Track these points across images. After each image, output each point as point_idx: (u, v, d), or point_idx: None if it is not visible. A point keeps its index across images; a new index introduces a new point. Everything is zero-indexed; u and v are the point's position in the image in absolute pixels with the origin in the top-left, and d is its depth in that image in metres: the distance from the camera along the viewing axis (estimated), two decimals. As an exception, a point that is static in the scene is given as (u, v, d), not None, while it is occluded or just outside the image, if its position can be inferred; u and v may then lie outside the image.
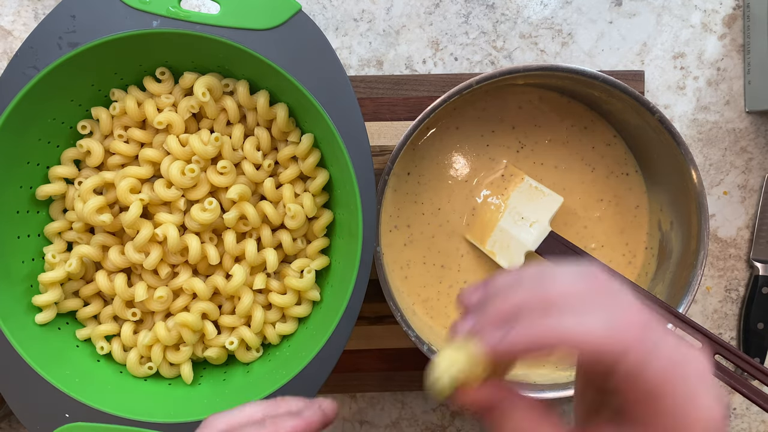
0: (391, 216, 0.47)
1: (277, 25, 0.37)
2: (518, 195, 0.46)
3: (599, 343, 0.20)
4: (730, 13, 0.51)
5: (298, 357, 0.39)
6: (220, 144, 0.39)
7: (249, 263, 0.41)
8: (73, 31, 0.37)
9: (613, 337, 0.20)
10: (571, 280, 0.22)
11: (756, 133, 0.51)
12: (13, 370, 0.37)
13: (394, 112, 0.49)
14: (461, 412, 0.22)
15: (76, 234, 0.41)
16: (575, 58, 0.51)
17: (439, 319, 0.47)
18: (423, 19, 0.50)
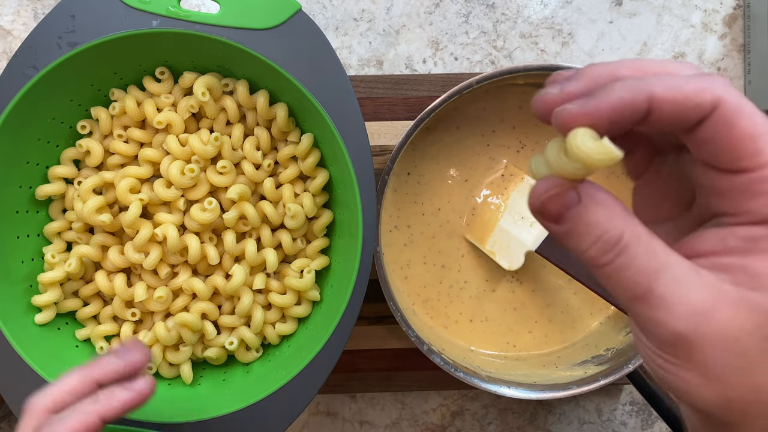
0: (391, 216, 0.47)
1: (277, 25, 0.37)
2: (518, 195, 0.46)
3: (688, 94, 0.17)
4: (731, 12, 0.51)
5: (298, 357, 0.39)
6: (220, 144, 0.39)
7: (249, 263, 0.41)
8: (72, 30, 0.37)
9: (703, 88, 0.18)
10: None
11: (756, 133, 0.51)
12: (13, 370, 0.37)
13: (394, 112, 0.49)
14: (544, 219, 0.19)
15: (76, 234, 0.41)
16: (575, 57, 0.51)
17: (439, 319, 0.47)
18: (423, 18, 0.50)
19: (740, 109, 0.17)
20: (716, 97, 0.17)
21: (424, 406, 0.52)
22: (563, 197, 0.19)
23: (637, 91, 0.18)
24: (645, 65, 0.19)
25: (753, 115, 0.17)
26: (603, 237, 0.18)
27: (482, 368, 0.44)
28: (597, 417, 0.52)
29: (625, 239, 0.18)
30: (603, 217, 0.18)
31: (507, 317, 0.48)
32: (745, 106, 0.17)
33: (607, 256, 0.18)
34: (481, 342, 0.47)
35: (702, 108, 0.18)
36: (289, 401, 0.37)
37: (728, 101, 0.17)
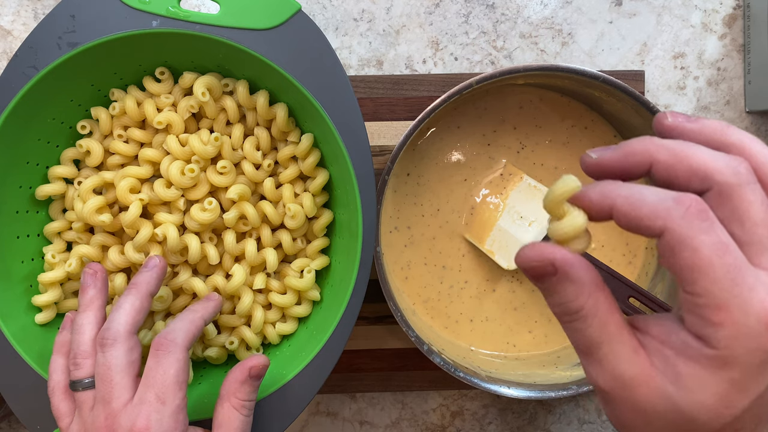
0: (391, 217, 0.47)
1: (276, 25, 0.37)
2: (517, 194, 0.46)
3: (636, 216, 0.21)
4: (730, 12, 0.51)
5: (298, 357, 0.39)
6: (220, 144, 0.39)
7: (249, 263, 0.41)
8: (72, 31, 0.37)
9: (654, 212, 0.21)
10: None
11: (756, 133, 0.51)
12: (13, 370, 0.37)
13: (394, 112, 0.49)
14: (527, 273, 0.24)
15: (76, 234, 0.41)
16: (575, 58, 0.51)
17: (440, 319, 0.47)
18: (423, 18, 0.50)
19: (682, 241, 0.20)
20: (663, 226, 0.20)
21: (424, 406, 0.52)
22: (542, 269, 0.23)
23: (602, 197, 0.22)
24: (681, 151, 0.22)
25: (697, 247, 0.20)
26: (566, 305, 0.23)
27: (482, 368, 0.44)
28: (597, 417, 0.52)
29: (583, 312, 0.23)
30: (570, 292, 0.23)
31: (507, 317, 0.48)
32: (689, 239, 0.20)
33: (566, 318, 0.23)
34: (481, 342, 0.47)
35: (652, 231, 0.21)
36: (289, 401, 0.37)
37: (673, 232, 0.20)
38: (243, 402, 0.34)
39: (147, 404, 0.31)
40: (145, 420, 0.31)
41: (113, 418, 0.31)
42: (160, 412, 0.31)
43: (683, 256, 0.20)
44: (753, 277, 0.20)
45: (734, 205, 0.21)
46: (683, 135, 0.23)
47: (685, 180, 0.22)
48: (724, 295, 0.20)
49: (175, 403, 0.32)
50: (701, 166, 0.21)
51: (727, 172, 0.21)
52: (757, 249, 0.21)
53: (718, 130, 0.23)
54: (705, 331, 0.21)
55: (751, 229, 0.21)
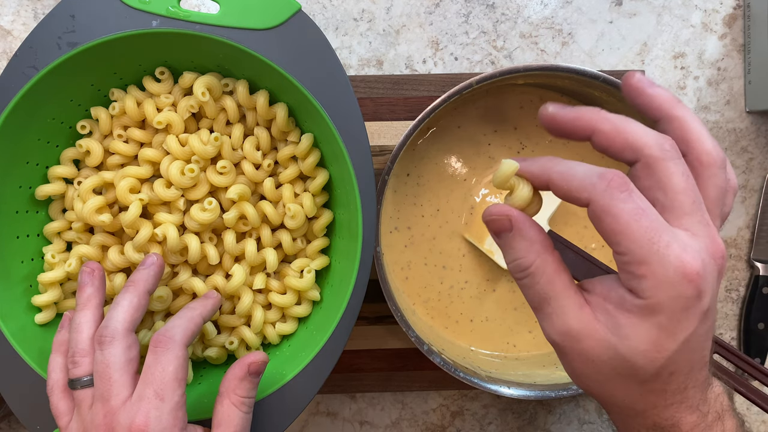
0: (391, 217, 0.47)
1: (276, 25, 0.37)
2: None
3: (567, 188, 0.25)
4: (731, 12, 0.51)
5: (298, 357, 0.39)
6: (220, 144, 0.39)
7: (249, 263, 0.41)
8: (72, 31, 0.37)
9: (581, 186, 0.24)
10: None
11: (756, 133, 0.51)
12: (13, 370, 0.37)
13: (394, 112, 0.49)
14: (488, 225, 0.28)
15: (76, 234, 0.41)
16: (575, 58, 0.51)
17: (440, 319, 0.47)
18: (423, 18, 0.50)
19: (604, 209, 0.24)
20: (589, 198, 0.24)
21: (424, 406, 0.52)
22: (501, 223, 0.27)
23: (542, 171, 0.26)
24: (621, 125, 0.25)
25: (617, 213, 0.23)
26: (517, 261, 0.26)
27: (482, 368, 0.44)
28: (597, 417, 0.52)
29: (531, 268, 0.26)
30: (522, 248, 0.26)
31: (507, 317, 0.48)
32: (610, 207, 0.23)
33: (518, 274, 0.27)
34: (481, 342, 0.47)
35: (580, 201, 0.24)
36: (288, 401, 0.37)
37: (597, 203, 0.24)
38: (243, 399, 0.34)
39: (146, 401, 0.31)
40: (144, 417, 0.31)
41: (112, 416, 0.31)
42: (159, 408, 0.31)
43: (606, 222, 0.24)
44: (669, 235, 0.23)
45: (659, 176, 0.24)
46: (641, 95, 0.27)
47: (619, 150, 0.25)
48: (643, 252, 0.23)
49: (174, 399, 0.32)
50: (634, 141, 0.24)
51: (655, 147, 0.24)
52: (677, 213, 0.24)
53: (668, 102, 0.26)
54: (633, 284, 0.24)
55: (672, 196, 0.24)
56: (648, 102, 0.27)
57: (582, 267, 0.43)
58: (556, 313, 0.26)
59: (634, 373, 0.25)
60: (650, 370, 0.24)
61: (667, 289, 0.23)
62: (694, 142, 0.26)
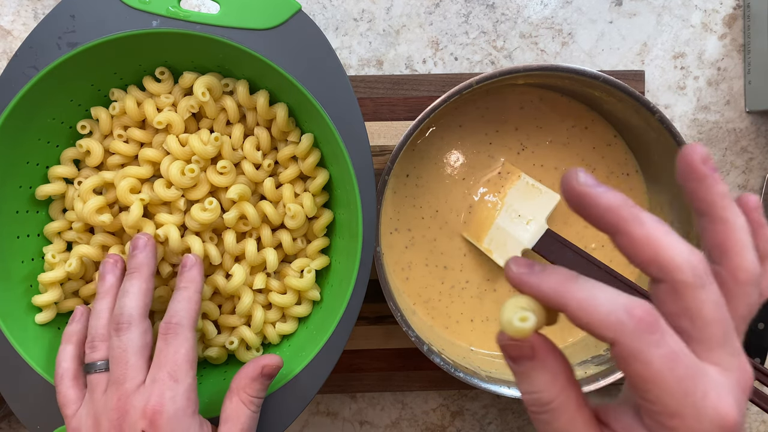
0: (391, 218, 0.47)
1: (277, 25, 0.37)
2: (515, 193, 0.46)
3: (588, 323, 0.21)
4: (730, 12, 0.51)
5: (298, 357, 0.39)
6: (220, 144, 0.39)
7: (249, 263, 0.41)
8: (72, 31, 0.37)
9: (606, 324, 0.21)
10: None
11: (756, 133, 0.51)
12: (13, 370, 0.37)
13: (394, 112, 0.49)
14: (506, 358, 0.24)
15: (76, 234, 0.41)
16: (575, 58, 0.51)
17: (440, 319, 0.47)
18: (423, 18, 0.50)
19: (633, 354, 0.21)
20: (614, 338, 0.21)
21: (424, 406, 0.52)
22: (521, 350, 0.23)
23: (556, 295, 0.22)
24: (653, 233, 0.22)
25: (649, 360, 0.20)
26: (538, 395, 0.23)
27: (482, 368, 0.44)
28: (597, 417, 0.52)
29: (553, 405, 0.23)
30: (543, 381, 0.23)
31: (507, 317, 0.48)
32: (640, 353, 0.21)
33: (536, 409, 0.23)
34: (481, 342, 0.47)
35: (604, 340, 0.21)
36: (288, 401, 0.37)
37: (624, 345, 0.21)
38: (252, 398, 0.35)
39: (160, 383, 0.32)
40: (158, 397, 0.32)
41: (126, 399, 0.32)
42: (173, 389, 0.32)
43: (635, 367, 0.21)
44: (704, 381, 0.21)
45: (688, 305, 0.21)
46: (698, 182, 0.23)
47: (645, 262, 0.22)
48: (677, 404, 0.21)
49: (188, 381, 0.33)
50: (665, 260, 0.21)
51: (688, 272, 0.21)
52: (707, 345, 0.21)
53: (721, 200, 0.23)
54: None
55: (701, 328, 0.21)
56: (701, 193, 0.23)
57: (583, 268, 0.43)
58: None
59: None
60: None
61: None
62: (734, 255, 0.23)
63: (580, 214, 0.24)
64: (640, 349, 0.21)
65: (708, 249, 0.24)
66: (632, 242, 0.22)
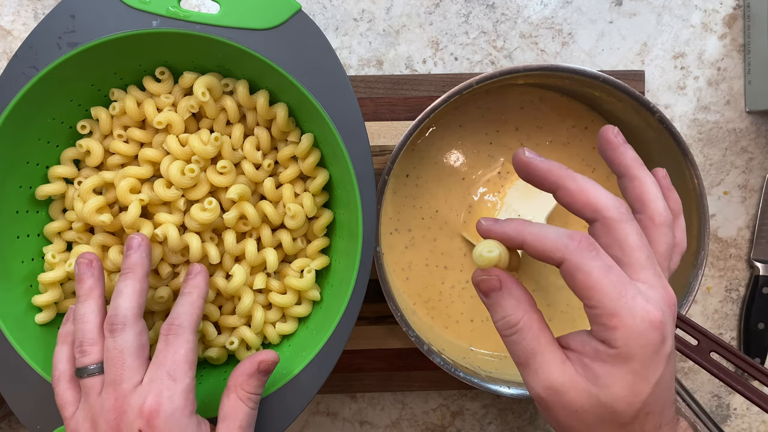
0: (391, 219, 0.47)
1: (277, 25, 0.37)
2: (514, 192, 0.46)
3: (542, 249, 0.27)
4: (730, 13, 0.51)
5: (298, 357, 0.39)
6: (220, 144, 0.39)
7: (249, 263, 0.41)
8: (72, 31, 0.37)
9: (554, 247, 0.27)
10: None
11: (756, 133, 0.51)
12: (13, 370, 0.37)
13: (394, 112, 0.49)
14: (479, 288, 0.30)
15: (76, 234, 0.41)
16: (575, 58, 0.51)
17: (440, 319, 0.47)
18: (423, 18, 0.50)
19: (576, 267, 0.26)
20: (562, 257, 0.26)
21: (424, 406, 0.52)
22: (490, 283, 0.29)
23: (516, 233, 0.28)
24: (584, 186, 0.28)
25: (588, 270, 0.26)
26: (506, 318, 0.29)
27: (482, 368, 0.44)
28: (597, 417, 0.52)
29: (519, 325, 0.28)
30: (510, 306, 0.28)
31: (507, 317, 0.48)
32: (582, 265, 0.26)
33: (507, 331, 0.29)
34: (481, 341, 0.47)
35: (554, 261, 0.27)
36: (289, 401, 0.37)
37: (569, 261, 0.26)
38: (249, 395, 0.35)
39: (158, 381, 0.32)
40: (156, 396, 0.32)
41: (123, 399, 0.32)
42: (171, 389, 0.32)
43: (579, 278, 0.26)
44: (633, 288, 0.26)
45: (616, 235, 0.27)
46: (613, 151, 0.31)
47: (581, 208, 0.28)
48: (613, 305, 0.25)
49: (186, 381, 0.33)
50: (596, 202, 0.27)
51: (613, 209, 0.27)
52: (635, 267, 0.27)
53: (633, 162, 0.30)
54: (606, 335, 0.26)
55: (629, 253, 0.27)
56: (617, 158, 0.31)
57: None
58: (541, 368, 0.27)
59: (615, 418, 0.26)
60: (630, 413, 0.26)
61: (637, 338, 0.25)
62: (649, 203, 0.29)
63: (528, 180, 0.30)
64: (581, 262, 0.26)
65: (630, 203, 0.30)
66: (569, 193, 0.28)
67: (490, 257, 0.29)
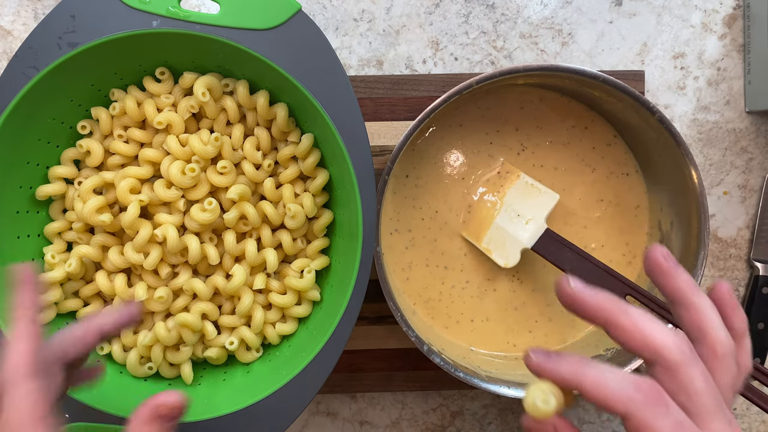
0: (391, 219, 0.47)
1: (277, 25, 0.37)
2: (514, 192, 0.46)
3: (603, 399, 0.24)
4: (730, 13, 0.51)
5: (298, 357, 0.39)
6: (220, 144, 0.39)
7: (249, 263, 0.41)
8: (72, 31, 0.37)
9: (618, 399, 0.24)
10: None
11: (756, 133, 0.51)
12: (13, 370, 0.37)
13: (394, 112, 0.49)
14: None
15: (76, 234, 0.41)
16: (575, 58, 0.51)
17: (440, 319, 0.47)
18: (423, 18, 0.50)
19: (644, 425, 0.24)
20: (626, 411, 0.24)
21: (424, 406, 0.52)
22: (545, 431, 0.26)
23: (573, 376, 0.25)
24: (640, 323, 0.26)
25: (658, 430, 0.23)
26: None
27: (482, 368, 0.44)
28: (597, 417, 0.52)
29: None
30: None
31: (508, 317, 0.48)
32: (650, 423, 0.24)
33: None
34: (481, 341, 0.47)
35: (617, 413, 0.24)
36: (289, 401, 0.37)
37: (636, 418, 0.24)
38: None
39: None
40: None
41: None
42: None
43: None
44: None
45: (681, 380, 0.25)
46: (665, 277, 0.27)
47: (637, 348, 0.25)
48: None
49: None
50: (654, 343, 0.25)
51: (675, 351, 0.25)
52: (704, 417, 0.25)
53: (688, 288, 0.27)
54: None
55: (696, 400, 0.25)
56: (670, 284, 0.27)
57: (581, 267, 0.43)
58: None
59: None
60: None
61: None
62: (709, 333, 0.26)
63: (575, 313, 0.27)
64: (650, 421, 0.24)
65: (687, 332, 0.27)
66: (624, 332, 0.26)
67: (546, 410, 0.25)
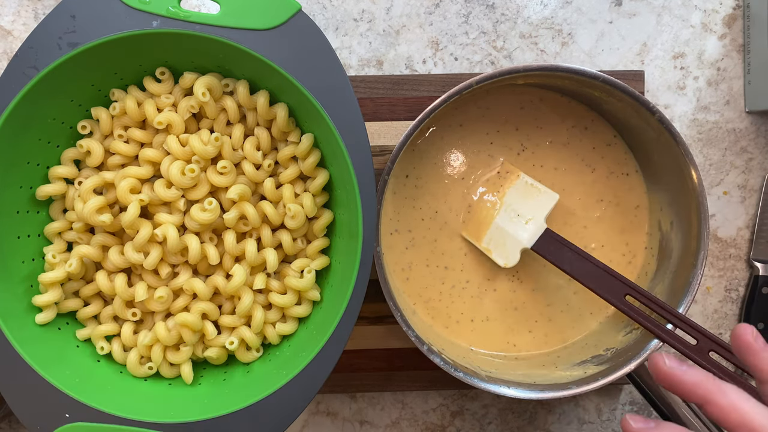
0: (391, 219, 0.47)
1: (277, 25, 0.37)
2: (514, 192, 0.46)
3: None
4: (730, 13, 0.51)
5: (298, 357, 0.39)
6: (220, 144, 0.39)
7: (249, 263, 0.41)
8: (73, 31, 0.37)
9: None
10: None
11: (756, 133, 0.51)
12: (13, 370, 0.37)
13: (394, 112, 0.49)
14: None
15: (76, 234, 0.41)
16: (575, 58, 0.51)
17: (440, 319, 0.47)
18: (423, 19, 0.50)
19: None
20: None
21: (424, 406, 0.52)
22: None
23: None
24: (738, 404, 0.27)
25: None
26: None
27: (482, 368, 0.44)
28: (597, 417, 0.52)
29: None
30: None
31: (507, 317, 0.48)
32: None
33: None
34: (481, 341, 0.48)
35: None
36: (289, 401, 0.37)
37: None
38: None
39: None
40: None
41: None
42: None
43: None
44: None
45: None
46: (753, 356, 0.28)
47: (734, 427, 0.26)
48: None
49: None
50: (750, 423, 0.26)
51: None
52: None
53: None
54: None
55: None
56: (759, 364, 0.28)
57: (581, 267, 0.43)
58: None
59: None
60: None
61: None
62: None
63: (670, 390, 0.28)
64: None
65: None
66: (720, 410, 0.26)
67: None
